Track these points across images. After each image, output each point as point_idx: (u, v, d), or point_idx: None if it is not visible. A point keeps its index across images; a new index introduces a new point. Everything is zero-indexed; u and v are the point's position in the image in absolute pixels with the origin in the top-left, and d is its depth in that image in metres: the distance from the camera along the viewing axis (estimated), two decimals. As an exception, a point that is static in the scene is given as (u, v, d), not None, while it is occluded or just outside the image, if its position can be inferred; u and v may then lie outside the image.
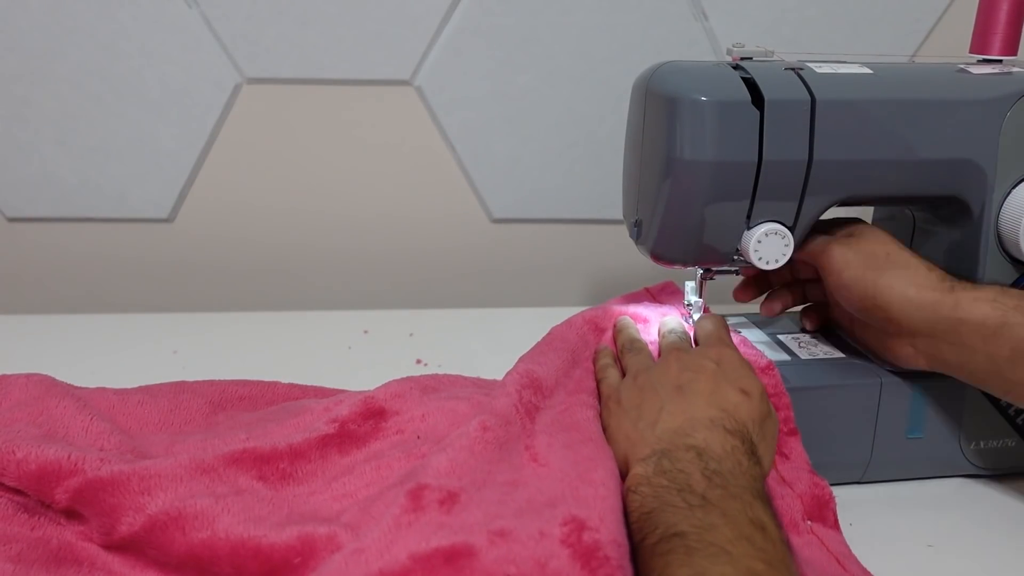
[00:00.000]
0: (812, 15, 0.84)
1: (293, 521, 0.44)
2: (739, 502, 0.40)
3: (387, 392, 0.55)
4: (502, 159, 0.88)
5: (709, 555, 0.37)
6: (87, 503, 0.46)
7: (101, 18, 0.79)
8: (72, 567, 0.45)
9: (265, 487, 0.48)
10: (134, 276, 0.90)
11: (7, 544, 0.44)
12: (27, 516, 0.47)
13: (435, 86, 0.84)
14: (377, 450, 0.51)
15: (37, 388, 0.54)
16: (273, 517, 0.45)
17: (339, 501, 0.48)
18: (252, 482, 0.48)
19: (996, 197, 0.57)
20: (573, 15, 0.82)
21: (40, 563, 0.44)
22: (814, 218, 0.57)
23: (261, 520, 0.44)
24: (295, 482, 0.49)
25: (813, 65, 0.56)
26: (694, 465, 0.43)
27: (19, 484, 0.47)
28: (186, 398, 0.57)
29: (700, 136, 0.53)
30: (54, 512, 0.47)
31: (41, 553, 0.44)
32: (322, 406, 0.55)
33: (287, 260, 0.90)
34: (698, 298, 0.63)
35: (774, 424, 0.50)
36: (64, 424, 0.51)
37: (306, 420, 0.54)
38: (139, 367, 0.72)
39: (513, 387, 0.52)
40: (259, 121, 0.85)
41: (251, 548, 0.42)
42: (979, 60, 0.59)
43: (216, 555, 0.43)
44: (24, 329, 0.79)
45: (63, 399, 0.52)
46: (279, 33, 0.81)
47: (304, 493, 0.49)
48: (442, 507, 0.42)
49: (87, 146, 0.84)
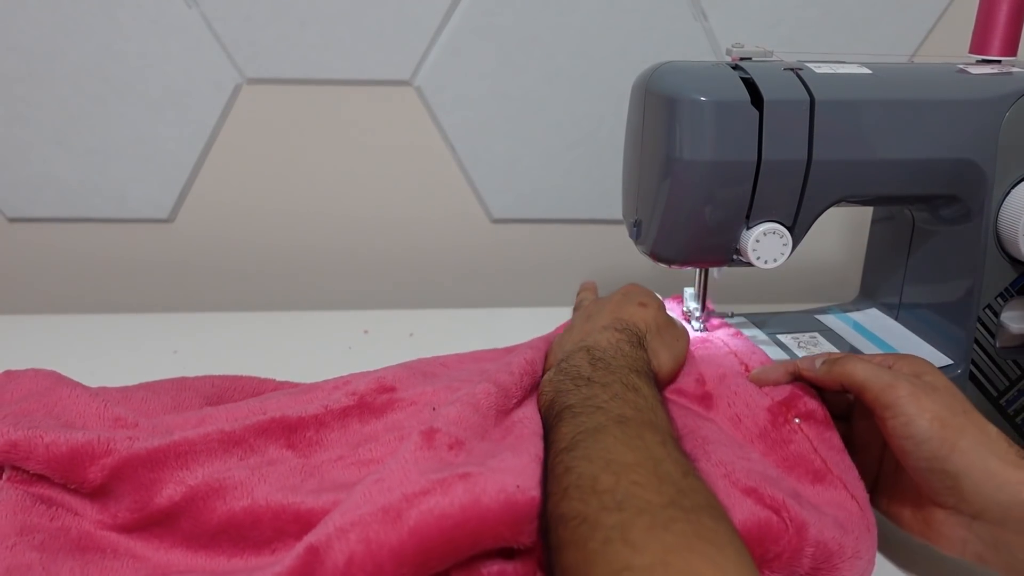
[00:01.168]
0: (812, 15, 0.84)
1: (326, 488, 0.47)
2: (617, 375, 0.48)
3: (394, 374, 0.58)
4: (502, 159, 0.88)
5: (587, 412, 0.45)
6: (124, 479, 0.47)
7: (101, 18, 0.79)
8: (95, 554, 0.46)
9: (295, 455, 0.51)
10: (134, 276, 0.90)
11: (30, 534, 0.45)
12: (44, 507, 0.47)
13: (435, 86, 0.84)
14: (396, 420, 0.55)
15: (47, 380, 0.55)
16: (307, 485, 0.48)
17: (366, 467, 0.50)
18: (282, 451, 0.51)
19: (996, 197, 0.57)
20: (573, 15, 0.82)
21: (64, 551, 0.45)
22: (813, 218, 0.57)
23: (296, 488, 0.47)
24: (322, 448, 0.52)
25: (812, 65, 0.56)
26: (584, 359, 0.51)
27: (46, 469, 0.47)
28: (188, 395, 0.58)
29: (699, 136, 0.53)
30: (70, 502, 0.48)
31: (63, 542, 0.45)
32: (331, 384, 0.57)
33: (287, 260, 0.90)
34: (697, 304, 0.63)
35: (674, 333, 0.59)
36: (80, 412, 0.52)
37: (320, 395, 0.56)
38: (139, 367, 0.72)
39: (517, 368, 0.56)
40: (259, 121, 0.85)
41: (291, 513, 0.46)
42: (978, 60, 0.59)
43: (258, 520, 0.46)
44: (24, 329, 0.79)
45: (74, 388, 0.53)
46: (279, 33, 0.81)
47: (331, 459, 0.51)
48: (451, 450, 0.47)
49: (87, 146, 0.84)
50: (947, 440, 0.44)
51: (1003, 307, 0.60)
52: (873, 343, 0.64)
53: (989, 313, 0.59)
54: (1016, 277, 0.59)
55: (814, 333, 0.65)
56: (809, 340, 0.64)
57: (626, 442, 0.41)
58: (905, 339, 0.64)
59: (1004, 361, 0.61)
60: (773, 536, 0.45)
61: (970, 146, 0.56)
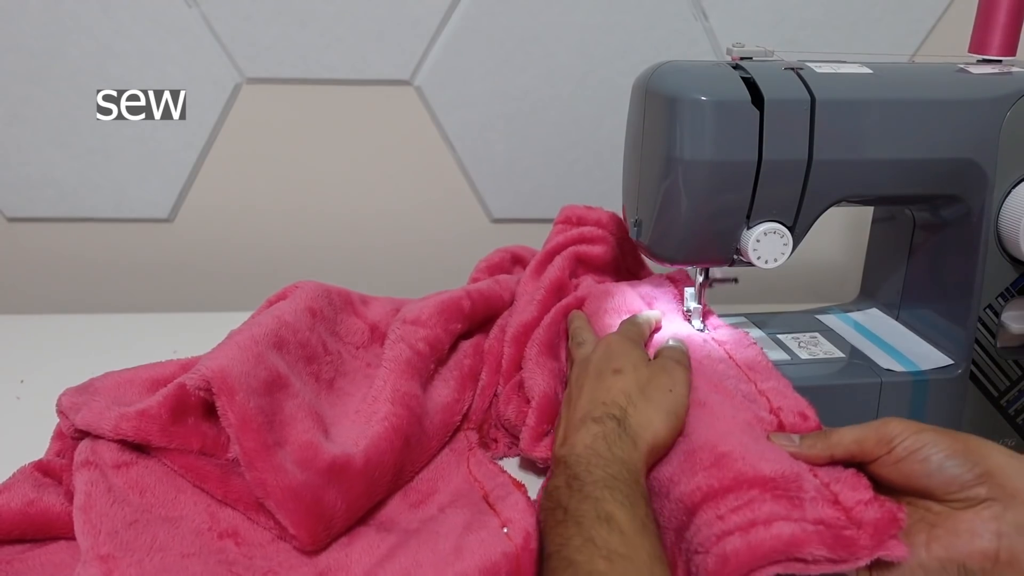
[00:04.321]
0: (812, 15, 0.84)
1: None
2: (590, 502, 0.43)
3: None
4: (502, 159, 0.87)
5: (560, 569, 0.41)
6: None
7: (101, 18, 0.79)
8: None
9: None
10: (134, 276, 0.90)
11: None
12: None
13: (435, 86, 0.84)
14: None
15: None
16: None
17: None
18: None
19: (996, 197, 0.57)
20: (573, 15, 0.82)
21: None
22: (814, 218, 0.57)
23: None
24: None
25: (813, 65, 0.56)
26: (562, 477, 0.46)
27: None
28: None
29: (700, 136, 0.53)
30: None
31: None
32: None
33: (287, 260, 0.90)
34: (698, 304, 0.62)
35: (665, 383, 0.52)
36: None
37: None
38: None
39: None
40: (259, 121, 0.85)
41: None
42: (979, 60, 0.59)
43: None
44: (24, 329, 0.79)
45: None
46: (279, 33, 0.81)
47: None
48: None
49: (87, 146, 0.84)
50: (957, 438, 0.44)
51: (1004, 307, 0.60)
52: (873, 343, 0.64)
53: (990, 313, 0.59)
54: (1017, 277, 0.59)
55: (814, 333, 0.65)
56: (809, 340, 0.64)
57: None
58: (905, 339, 0.64)
59: (1005, 361, 0.61)
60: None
61: (970, 146, 0.56)
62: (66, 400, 0.52)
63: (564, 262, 0.69)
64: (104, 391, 0.53)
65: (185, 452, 0.50)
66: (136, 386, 0.54)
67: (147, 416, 0.49)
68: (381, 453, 0.52)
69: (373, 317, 0.65)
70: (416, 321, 0.62)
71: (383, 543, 0.50)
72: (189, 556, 0.46)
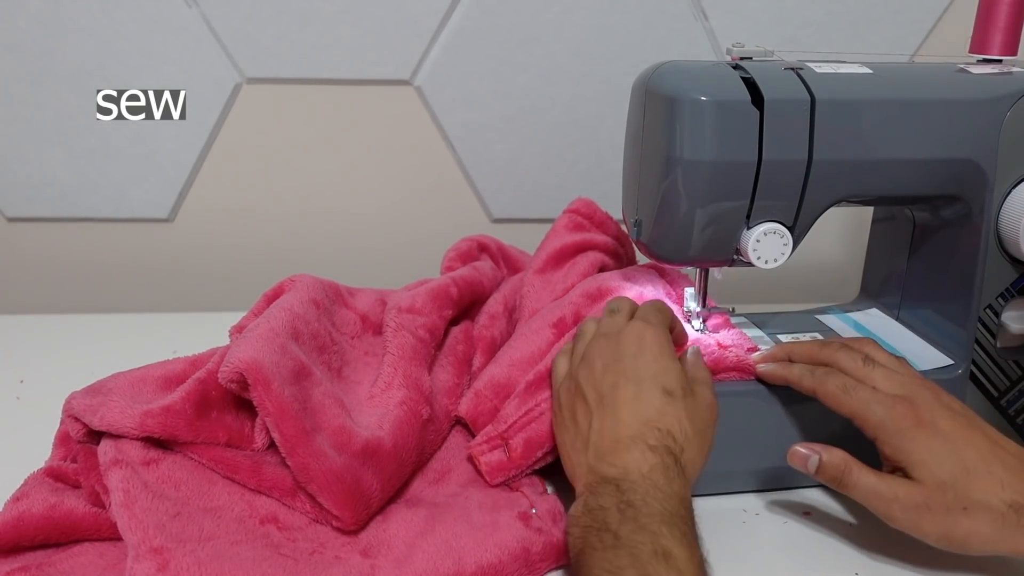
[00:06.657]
0: (812, 15, 0.84)
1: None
2: (646, 534, 0.42)
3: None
4: (502, 159, 0.87)
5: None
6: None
7: (101, 18, 0.79)
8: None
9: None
10: (134, 276, 0.90)
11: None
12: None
13: (435, 86, 0.84)
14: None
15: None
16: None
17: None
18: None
19: (996, 197, 0.57)
20: (573, 15, 0.82)
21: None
22: (814, 218, 0.57)
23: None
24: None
25: (813, 65, 0.56)
26: (612, 500, 0.44)
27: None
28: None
29: (700, 136, 0.53)
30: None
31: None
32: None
33: (287, 260, 0.90)
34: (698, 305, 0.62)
35: (704, 417, 0.50)
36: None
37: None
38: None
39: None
40: (259, 121, 0.85)
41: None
42: (979, 60, 0.59)
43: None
44: (24, 329, 0.79)
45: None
46: (279, 33, 0.81)
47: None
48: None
49: (87, 146, 0.84)
50: (946, 526, 0.47)
51: (1004, 307, 0.60)
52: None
53: (990, 313, 0.59)
54: (1017, 277, 0.59)
55: (814, 333, 0.65)
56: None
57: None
58: (905, 339, 0.64)
59: (1005, 361, 0.61)
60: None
61: (971, 146, 0.56)
62: (77, 403, 0.52)
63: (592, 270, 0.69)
64: (119, 391, 0.53)
65: (212, 445, 0.51)
66: (149, 384, 0.55)
67: (172, 412, 0.50)
68: (405, 435, 0.54)
69: (362, 308, 0.66)
70: (412, 309, 0.63)
71: (416, 517, 0.52)
72: (238, 543, 0.47)
